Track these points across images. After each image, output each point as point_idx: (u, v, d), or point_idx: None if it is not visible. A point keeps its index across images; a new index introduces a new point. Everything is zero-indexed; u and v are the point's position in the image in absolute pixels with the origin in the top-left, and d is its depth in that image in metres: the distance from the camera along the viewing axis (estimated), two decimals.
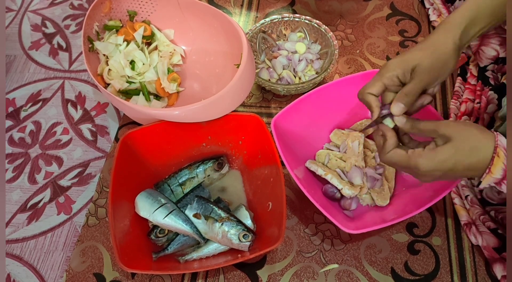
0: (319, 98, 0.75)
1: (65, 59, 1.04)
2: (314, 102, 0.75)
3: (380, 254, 0.71)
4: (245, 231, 0.67)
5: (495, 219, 0.68)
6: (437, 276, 0.69)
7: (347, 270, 0.70)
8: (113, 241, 0.63)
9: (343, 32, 0.97)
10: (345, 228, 0.62)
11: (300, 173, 0.73)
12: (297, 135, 0.76)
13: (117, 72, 0.84)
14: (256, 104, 0.89)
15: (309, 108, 0.75)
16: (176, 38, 0.93)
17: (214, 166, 0.78)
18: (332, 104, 0.77)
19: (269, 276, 0.70)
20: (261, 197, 0.74)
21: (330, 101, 0.76)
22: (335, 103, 0.77)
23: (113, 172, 0.69)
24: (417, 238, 0.72)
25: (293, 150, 0.75)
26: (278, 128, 0.71)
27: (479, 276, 0.68)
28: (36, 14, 1.12)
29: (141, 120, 0.80)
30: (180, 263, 0.69)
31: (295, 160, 0.73)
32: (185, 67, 0.93)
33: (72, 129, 0.93)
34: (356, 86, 0.74)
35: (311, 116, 0.76)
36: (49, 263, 0.79)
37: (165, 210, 0.70)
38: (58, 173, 0.88)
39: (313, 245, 0.73)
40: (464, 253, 0.70)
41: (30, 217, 0.84)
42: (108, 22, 0.86)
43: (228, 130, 0.77)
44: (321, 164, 0.75)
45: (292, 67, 0.89)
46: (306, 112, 0.75)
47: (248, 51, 0.75)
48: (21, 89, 1.00)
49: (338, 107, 0.78)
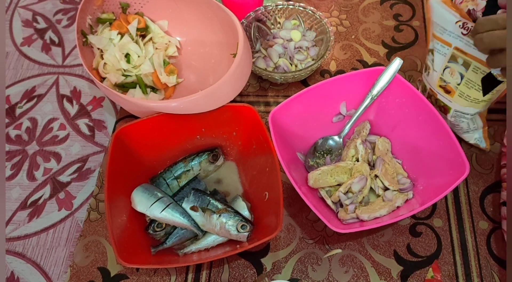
0: (319, 94, 0.74)
1: (58, 54, 1.03)
2: (314, 97, 0.74)
3: (383, 238, 0.72)
4: (243, 222, 0.67)
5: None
6: (439, 257, 0.69)
7: (350, 255, 0.71)
8: (111, 237, 0.64)
9: (337, 18, 0.97)
10: (333, 226, 0.62)
11: (295, 167, 0.73)
12: (294, 130, 0.75)
13: (112, 65, 0.83)
14: (253, 94, 0.88)
15: (308, 103, 0.75)
16: (170, 29, 0.92)
17: (209, 158, 0.78)
18: (331, 101, 0.77)
19: (273, 264, 0.71)
20: (258, 187, 0.74)
21: (329, 98, 0.76)
22: (334, 99, 0.77)
23: (107, 168, 0.69)
24: (418, 221, 0.73)
25: (290, 144, 0.75)
26: (275, 122, 0.71)
27: (480, 256, 0.69)
28: (27, 10, 1.11)
29: (139, 113, 0.80)
30: (179, 256, 0.69)
31: (290, 154, 0.73)
32: (180, 59, 0.92)
33: (69, 124, 0.93)
34: (356, 83, 0.75)
35: (310, 111, 0.76)
36: (52, 259, 0.79)
37: (162, 204, 0.70)
38: (57, 169, 0.88)
39: (315, 231, 0.73)
40: (465, 234, 0.71)
41: (31, 214, 0.83)
42: (101, 15, 0.85)
43: (222, 122, 0.77)
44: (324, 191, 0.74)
45: (288, 55, 0.88)
46: (305, 107, 0.75)
47: (244, 40, 0.75)
48: (15, 86, 0.99)
49: (336, 104, 0.78)
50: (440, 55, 0.69)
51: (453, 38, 0.66)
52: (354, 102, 0.77)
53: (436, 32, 0.68)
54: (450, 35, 0.66)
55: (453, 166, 0.65)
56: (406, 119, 0.74)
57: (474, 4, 0.70)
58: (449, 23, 0.65)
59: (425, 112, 0.70)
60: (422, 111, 0.70)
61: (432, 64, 0.71)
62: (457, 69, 0.67)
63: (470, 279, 0.68)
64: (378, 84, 0.73)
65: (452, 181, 0.63)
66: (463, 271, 0.68)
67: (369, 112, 0.77)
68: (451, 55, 0.67)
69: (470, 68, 0.66)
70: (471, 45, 0.64)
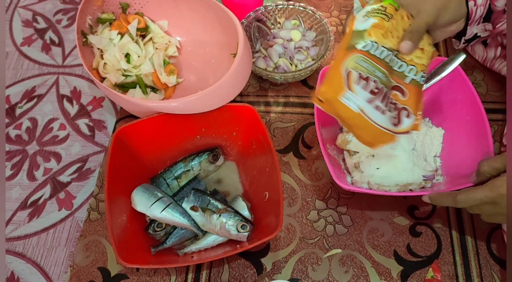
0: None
1: (58, 54, 1.03)
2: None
3: (383, 238, 0.72)
4: (243, 222, 0.67)
5: None
6: (439, 257, 0.69)
7: (350, 255, 0.71)
8: (111, 237, 0.64)
9: (337, 18, 0.97)
10: (340, 182, 0.63)
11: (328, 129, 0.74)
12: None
13: (112, 65, 0.83)
14: (253, 94, 0.88)
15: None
16: (170, 29, 0.92)
17: (209, 158, 0.78)
18: None
19: (273, 264, 0.71)
20: (258, 187, 0.74)
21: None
22: None
23: (107, 168, 0.69)
24: (418, 221, 0.73)
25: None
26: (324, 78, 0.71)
27: (480, 256, 0.69)
28: (27, 10, 1.11)
29: (139, 113, 0.80)
30: (179, 256, 0.69)
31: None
32: (180, 59, 0.92)
33: (69, 124, 0.93)
34: None
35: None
36: (52, 259, 0.79)
37: (162, 204, 0.70)
38: (57, 169, 0.88)
39: (315, 231, 0.73)
40: (465, 234, 0.71)
41: (31, 214, 0.83)
42: (101, 15, 0.85)
43: (222, 122, 0.77)
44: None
45: (288, 55, 0.88)
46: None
47: (244, 40, 0.75)
48: (15, 86, 0.99)
49: None
50: None
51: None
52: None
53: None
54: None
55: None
56: (455, 116, 0.74)
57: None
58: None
59: (474, 113, 0.69)
60: (472, 112, 0.70)
61: None
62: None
63: (470, 279, 0.68)
64: (438, 75, 0.73)
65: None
66: (463, 271, 0.68)
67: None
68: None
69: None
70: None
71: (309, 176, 0.78)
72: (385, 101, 0.59)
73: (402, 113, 0.60)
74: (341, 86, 0.56)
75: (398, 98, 0.60)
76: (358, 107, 0.56)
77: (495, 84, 0.84)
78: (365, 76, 0.57)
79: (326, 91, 0.56)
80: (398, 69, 0.61)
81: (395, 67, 0.61)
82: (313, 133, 0.83)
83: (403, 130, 0.60)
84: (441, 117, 0.76)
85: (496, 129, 0.79)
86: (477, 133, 0.68)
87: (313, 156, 0.80)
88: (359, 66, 0.57)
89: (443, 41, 0.89)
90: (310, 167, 0.79)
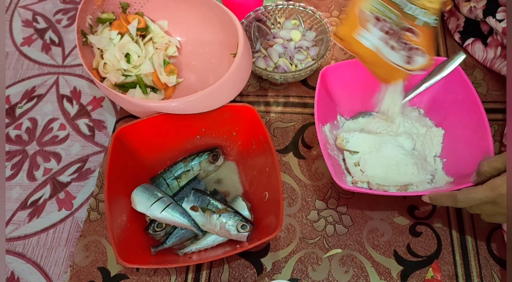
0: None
1: (58, 54, 1.03)
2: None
3: (383, 238, 0.72)
4: (243, 222, 0.67)
5: None
6: (439, 257, 0.69)
7: (350, 255, 0.71)
8: (111, 237, 0.64)
9: (337, 18, 0.97)
10: (340, 182, 0.64)
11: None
12: (339, 93, 0.78)
13: (112, 65, 0.83)
14: (253, 94, 0.88)
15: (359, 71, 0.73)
16: (170, 29, 0.92)
17: (209, 158, 0.78)
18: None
19: (273, 264, 0.71)
20: (258, 187, 0.74)
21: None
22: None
23: (107, 168, 0.69)
24: (418, 221, 0.73)
25: (333, 104, 0.78)
26: (324, 78, 0.74)
27: (480, 256, 0.69)
28: (27, 10, 1.11)
29: (139, 114, 0.80)
30: (179, 256, 0.69)
31: (331, 113, 0.76)
32: (180, 59, 0.92)
33: (69, 125, 0.93)
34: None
35: (358, 82, 0.76)
36: (52, 259, 0.79)
37: (162, 204, 0.70)
38: (57, 169, 0.88)
39: (316, 231, 0.73)
40: (465, 233, 0.71)
41: (31, 214, 0.83)
42: (101, 15, 0.85)
43: (222, 122, 0.77)
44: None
45: (288, 55, 0.88)
46: (355, 74, 0.75)
47: (244, 40, 0.75)
48: (15, 86, 0.99)
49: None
50: None
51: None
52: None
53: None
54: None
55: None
56: (455, 116, 0.74)
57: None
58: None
59: (474, 113, 0.69)
60: (472, 112, 0.70)
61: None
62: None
63: (470, 279, 0.68)
64: (438, 75, 0.73)
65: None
66: (463, 271, 0.68)
67: (421, 101, 0.78)
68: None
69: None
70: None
71: (309, 176, 0.78)
72: (398, 41, 0.64)
73: (414, 53, 0.65)
74: (355, 25, 0.63)
75: (411, 39, 0.65)
76: (373, 45, 0.64)
77: (495, 84, 0.84)
78: (380, 17, 0.63)
79: (342, 29, 0.65)
80: (410, 12, 0.64)
81: (407, 10, 0.64)
82: (313, 133, 0.83)
83: (416, 68, 0.65)
84: (441, 117, 0.76)
85: (496, 129, 0.79)
86: (477, 133, 0.68)
87: (313, 156, 0.80)
88: (373, 8, 0.63)
89: (443, 41, 0.89)
90: (310, 167, 0.79)
